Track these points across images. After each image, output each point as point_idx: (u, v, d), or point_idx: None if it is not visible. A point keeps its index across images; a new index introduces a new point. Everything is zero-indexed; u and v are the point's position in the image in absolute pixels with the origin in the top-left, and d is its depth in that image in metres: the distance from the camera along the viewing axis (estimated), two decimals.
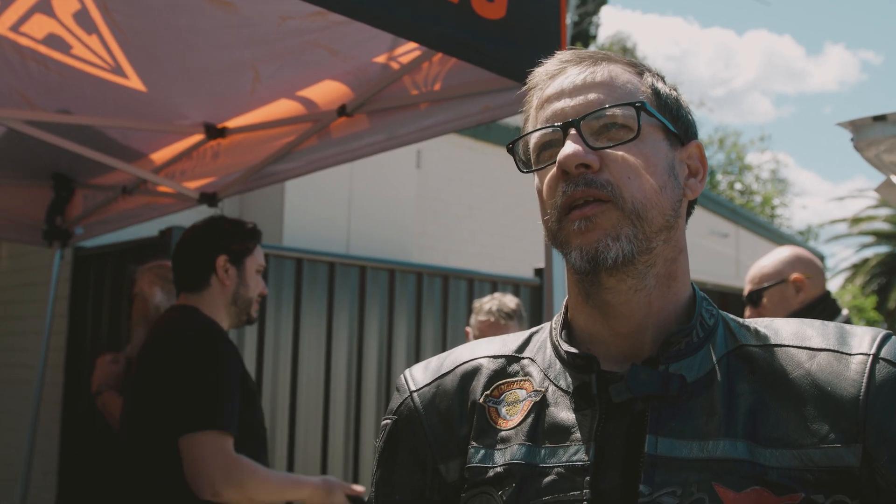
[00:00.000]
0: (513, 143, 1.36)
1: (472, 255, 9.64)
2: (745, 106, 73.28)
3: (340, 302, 6.23)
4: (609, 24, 52.24)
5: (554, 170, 1.25)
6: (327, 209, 7.93)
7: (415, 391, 1.39)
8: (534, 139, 1.31)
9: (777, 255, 3.49)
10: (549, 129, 1.28)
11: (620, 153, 1.24)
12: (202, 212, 4.96)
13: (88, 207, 5.17)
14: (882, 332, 1.24)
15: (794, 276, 3.36)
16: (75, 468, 6.03)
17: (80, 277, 6.35)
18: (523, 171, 1.34)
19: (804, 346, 1.25)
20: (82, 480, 5.87)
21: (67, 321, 6.36)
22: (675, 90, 1.35)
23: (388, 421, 1.41)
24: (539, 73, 1.35)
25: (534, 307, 6.97)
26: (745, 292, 3.50)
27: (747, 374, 1.23)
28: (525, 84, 1.39)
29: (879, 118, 2.92)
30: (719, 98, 71.84)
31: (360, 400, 6.21)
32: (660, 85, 1.33)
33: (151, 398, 3.02)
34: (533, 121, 1.34)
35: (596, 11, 33.07)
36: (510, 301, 4.30)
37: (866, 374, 1.18)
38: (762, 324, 1.31)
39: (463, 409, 1.34)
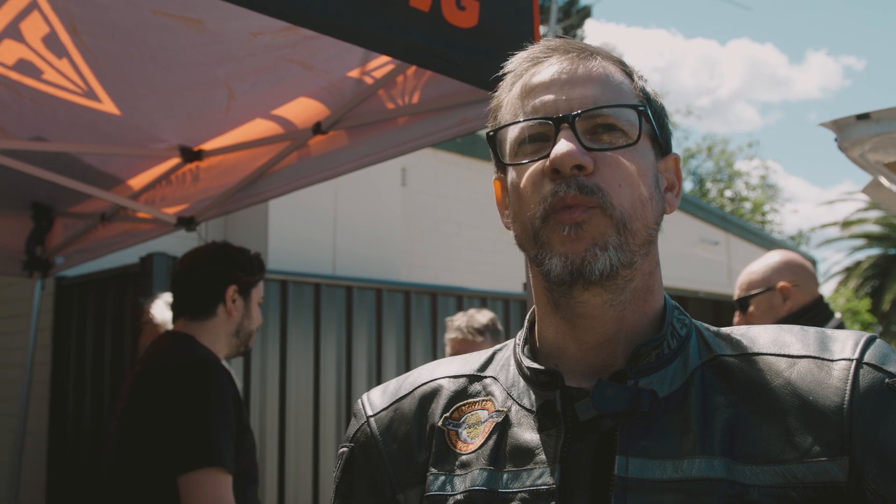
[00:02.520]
0: (495, 130, 1.25)
1: (460, 272, 9.58)
2: (731, 115, 73.64)
3: (328, 324, 6.16)
4: (593, 36, 52.50)
5: (539, 165, 1.16)
6: (313, 229, 7.87)
7: (372, 416, 1.32)
8: (516, 130, 1.21)
9: (766, 262, 3.42)
10: (537, 122, 1.18)
11: (615, 158, 1.15)
12: (183, 237, 4.90)
13: (68, 236, 5.11)
14: (865, 336, 1.16)
15: (781, 284, 3.29)
16: (63, 501, 5.93)
17: (63, 307, 6.28)
18: (504, 163, 1.23)
19: (783, 353, 1.16)
20: None
21: (51, 352, 6.28)
22: (659, 97, 1.27)
23: (345, 449, 1.34)
24: (521, 57, 1.25)
25: (523, 322, 6.90)
26: (735, 297, 3.45)
27: (723, 387, 1.15)
28: (501, 73, 1.29)
29: (863, 116, 2.86)
30: (705, 108, 72.16)
31: None
32: (649, 90, 1.25)
33: (144, 433, 2.90)
34: (513, 108, 1.23)
35: (580, 24, 33.16)
36: (482, 316, 4.20)
37: (850, 381, 1.10)
38: (738, 332, 1.23)
39: (422, 433, 1.27)
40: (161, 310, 3.94)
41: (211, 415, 2.81)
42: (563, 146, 1.13)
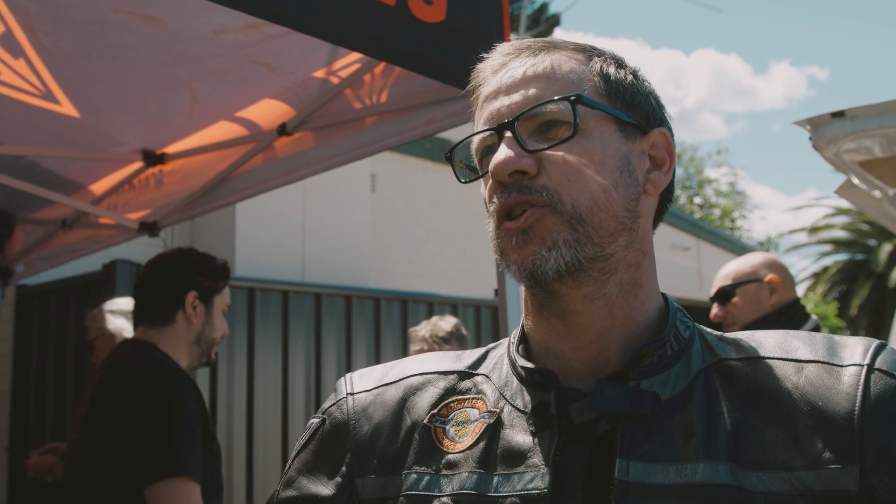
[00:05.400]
0: (451, 150, 1.23)
1: (431, 279, 9.52)
2: (699, 124, 74.41)
3: (296, 332, 6.07)
4: None
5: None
6: (281, 235, 7.78)
7: (351, 394, 1.28)
8: (474, 144, 1.19)
9: (753, 257, 3.43)
10: (487, 133, 1.16)
11: (560, 154, 1.11)
12: (147, 244, 4.80)
13: (29, 243, 4.99)
14: (875, 342, 1.12)
15: (770, 276, 3.28)
16: None
17: (24, 316, 6.15)
18: (462, 182, 1.22)
19: (790, 357, 1.12)
20: None
21: (11, 362, 6.14)
22: (634, 74, 1.21)
23: (316, 419, 1.29)
24: (483, 69, 1.23)
25: (495, 328, 6.86)
26: (714, 290, 3.39)
27: (728, 391, 1.11)
28: (467, 90, 1.26)
29: (838, 114, 2.84)
30: (672, 117, 72.80)
31: None
32: (611, 70, 1.18)
33: (106, 444, 2.78)
34: (476, 123, 1.21)
35: (549, 33, 33.33)
36: (445, 324, 4.12)
37: (861, 387, 1.05)
38: (743, 336, 1.18)
39: (397, 425, 1.22)
40: (111, 319, 3.80)
41: (175, 423, 2.71)
42: (498, 155, 1.11)
